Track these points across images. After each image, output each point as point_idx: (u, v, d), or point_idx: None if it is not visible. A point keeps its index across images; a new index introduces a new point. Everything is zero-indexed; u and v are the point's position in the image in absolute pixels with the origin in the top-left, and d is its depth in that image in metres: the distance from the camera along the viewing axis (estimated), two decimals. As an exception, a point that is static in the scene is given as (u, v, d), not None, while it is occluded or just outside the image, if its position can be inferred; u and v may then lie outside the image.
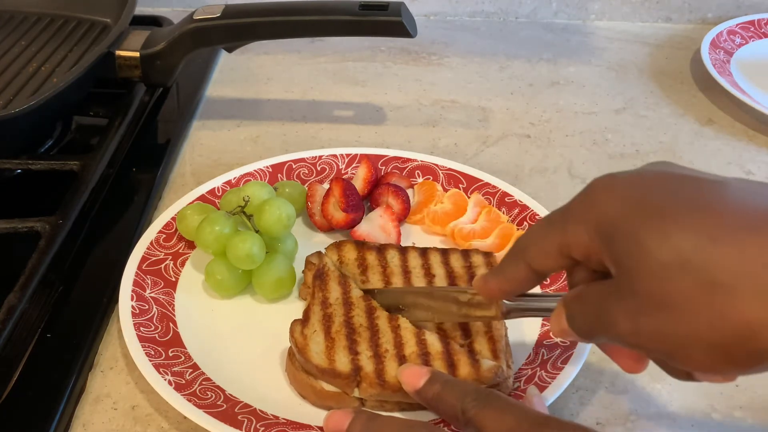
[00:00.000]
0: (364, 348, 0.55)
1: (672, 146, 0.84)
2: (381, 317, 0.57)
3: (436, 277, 0.61)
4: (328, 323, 0.57)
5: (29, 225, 0.64)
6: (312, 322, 0.57)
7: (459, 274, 0.61)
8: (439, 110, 0.90)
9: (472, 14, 1.10)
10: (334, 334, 0.56)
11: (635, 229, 0.38)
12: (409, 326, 0.56)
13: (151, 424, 0.55)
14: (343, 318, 0.57)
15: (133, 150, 0.80)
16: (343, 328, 0.56)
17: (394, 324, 0.56)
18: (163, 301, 0.62)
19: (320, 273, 0.61)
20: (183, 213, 0.66)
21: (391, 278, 0.61)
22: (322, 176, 0.74)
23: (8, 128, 0.72)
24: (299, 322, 0.57)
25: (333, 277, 0.61)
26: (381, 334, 0.56)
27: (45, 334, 0.59)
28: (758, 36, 1.02)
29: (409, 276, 0.61)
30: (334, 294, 0.59)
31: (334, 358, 0.54)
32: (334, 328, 0.56)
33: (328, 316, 0.57)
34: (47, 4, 0.96)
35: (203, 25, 0.79)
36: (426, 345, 0.55)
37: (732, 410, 0.56)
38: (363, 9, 0.76)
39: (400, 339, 0.55)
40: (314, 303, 0.58)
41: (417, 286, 0.60)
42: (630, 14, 1.09)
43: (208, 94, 0.92)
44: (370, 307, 0.58)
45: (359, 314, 0.57)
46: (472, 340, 0.56)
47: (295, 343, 0.55)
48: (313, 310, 0.58)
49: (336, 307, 0.58)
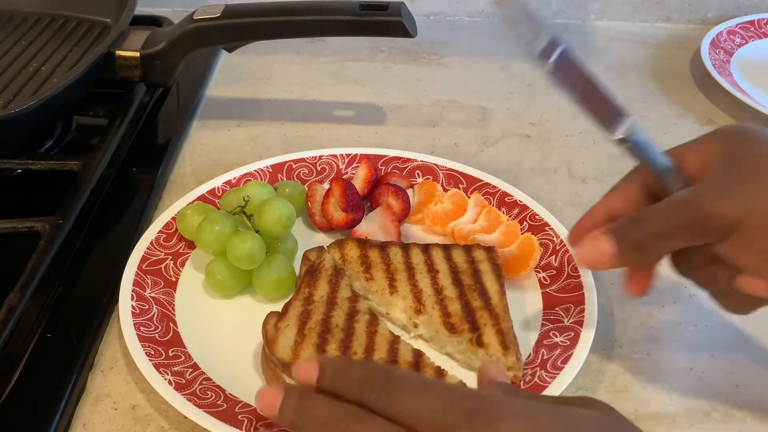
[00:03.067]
0: (332, 348, 0.55)
1: (672, 146, 0.84)
2: (360, 321, 0.57)
3: (440, 273, 0.61)
4: (304, 319, 0.57)
5: (29, 225, 0.64)
6: (289, 316, 0.57)
7: (462, 268, 0.61)
8: (439, 110, 0.90)
9: (472, 14, 1.10)
10: (307, 330, 0.56)
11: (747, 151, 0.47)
12: (386, 334, 0.56)
13: (151, 424, 0.55)
14: (321, 317, 0.57)
15: (133, 150, 0.80)
16: (318, 326, 0.56)
17: (371, 329, 0.56)
18: (163, 301, 0.62)
19: (312, 269, 0.61)
20: (183, 213, 0.66)
21: (395, 275, 0.61)
22: (322, 176, 0.74)
23: (8, 128, 0.72)
24: (275, 315, 0.57)
25: (325, 275, 0.61)
26: (355, 337, 0.56)
27: (45, 334, 0.59)
28: (758, 36, 1.02)
29: (413, 272, 0.61)
30: (321, 292, 0.59)
31: (299, 353, 0.54)
32: (309, 325, 0.56)
33: (307, 313, 0.57)
34: (47, 4, 0.96)
35: (203, 25, 0.79)
36: (396, 354, 0.54)
37: (732, 410, 0.56)
38: (363, 9, 0.76)
39: (373, 344, 0.55)
40: (297, 298, 0.59)
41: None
42: (630, 14, 1.09)
43: (208, 94, 0.92)
44: (354, 309, 0.58)
45: (339, 315, 0.57)
46: (480, 333, 0.56)
47: (264, 335, 0.55)
48: (294, 305, 0.58)
49: (318, 305, 0.58)
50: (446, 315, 0.58)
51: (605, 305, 0.63)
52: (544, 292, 0.63)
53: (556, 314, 0.60)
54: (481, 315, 0.57)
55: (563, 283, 0.62)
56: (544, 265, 0.64)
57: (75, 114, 0.86)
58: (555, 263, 0.64)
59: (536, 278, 0.64)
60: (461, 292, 0.59)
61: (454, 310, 0.58)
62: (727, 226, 0.45)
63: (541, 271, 0.64)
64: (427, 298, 0.59)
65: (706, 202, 0.46)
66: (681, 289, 0.65)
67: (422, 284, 0.60)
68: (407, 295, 0.59)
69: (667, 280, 0.66)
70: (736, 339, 0.61)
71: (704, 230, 0.46)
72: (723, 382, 0.58)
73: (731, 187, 0.45)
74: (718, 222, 0.45)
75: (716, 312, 0.64)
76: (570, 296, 0.61)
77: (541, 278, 0.64)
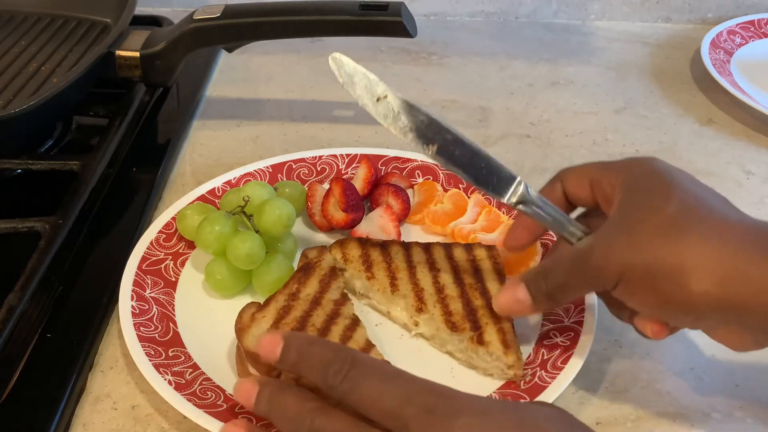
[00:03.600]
0: None
1: (672, 146, 0.84)
2: (339, 324, 0.57)
3: (441, 271, 0.61)
4: (283, 314, 0.57)
5: (29, 225, 0.64)
6: (269, 309, 0.57)
7: (464, 267, 0.61)
8: (439, 110, 0.90)
9: (472, 14, 1.10)
10: (282, 325, 0.56)
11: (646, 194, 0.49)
12: (361, 341, 0.56)
13: (151, 424, 0.55)
14: (300, 314, 0.57)
15: (133, 150, 0.80)
16: (295, 322, 0.56)
17: (347, 334, 0.56)
18: (163, 301, 0.62)
19: (307, 267, 0.61)
20: (183, 213, 0.66)
21: (397, 274, 0.61)
22: (322, 176, 0.74)
23: (8, 128, 0.72)
24: (255, 305, 0.57)
25: (318, 274, 0.61)
26: (328, 337, 0.56)
27: (45, 334, 0.59)
28: (758, 36, 1.02)
29: (414, 271, 0.61)
30: (308, 290, 0.59)
31: None
32: (285, 320, 0.56)
33: (287, 308, 0.57)
34: (47, 4, 0.96)
35: (203, 25, 0.79)
36: None
37: (732, 410, 0.56)
38: (363, 9, 0.76)
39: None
40: (282, 293, 0.59)
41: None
42: (630, 14, 1.09)
43: (208, 94, 0.92)
44: (336, 312, 0.58)
45: (319, 315, 0.57)
46: (481, 331, 0.56)
47: (238, 322, 0.56)
48: (277, 298, 0.58)
49: (302, 302, 0.58)
50: (447, 314, 0.58)
51: (605, 305, 0.63)
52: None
53: (556, 314, 0.60)
54: (483, 314, 0.57)
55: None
56: (544, 265, 0.64)
57: (75, 114, 0.86)
58: (555, 263, 0.64)
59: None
60: (462, 291, 0.59)
61: (455, 308, 0.58)
62: (614, 277, 0.48)
63: (541, 271, 0.64)
64: (429, 297, 0.59)
65: (595, 256, 0.48)
66: (681, 289, 0.65)
67: (423, 283, 0.60)
68: (408, 294, 0.60)
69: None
70: (736, 339, 0.61)
71: (598, 281, 0.49)
72: (723, 382, 0.58)
73: (615, 242, 0.48)
74: (606, 274, 0.48)
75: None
76: (570, 296, 0.61)
77: (541, 278, 0.64)
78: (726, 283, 0.44)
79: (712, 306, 0.45)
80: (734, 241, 0.46)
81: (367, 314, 0.62)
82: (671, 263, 0.46)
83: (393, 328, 0.61)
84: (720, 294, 0.45)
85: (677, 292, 0.45)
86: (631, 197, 0.49)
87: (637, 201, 0.49)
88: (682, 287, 0.45)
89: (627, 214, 0.49)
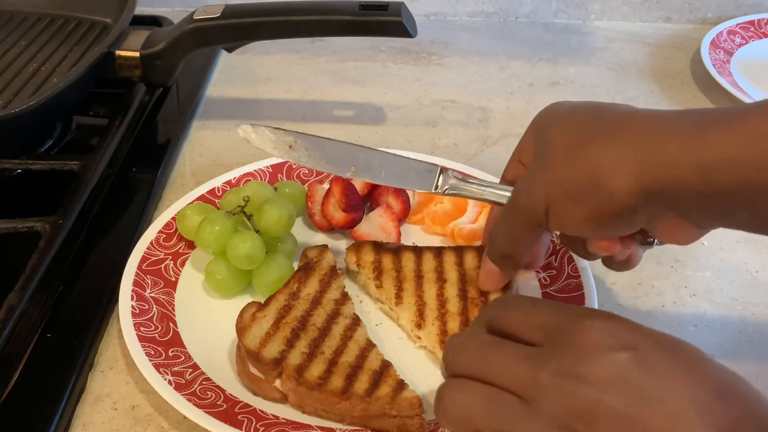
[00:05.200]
0: (302, 344, 0.55)
1: (672, 146, 0.84)
2: (340, 324, 0.57)
3: (447, 282, 0.61)
4: (283, 313, 0.57)
5: (29, 225, 0.64)
6: (269, 308, 0.57)
7: (471, 277, 0.61)
8: (439, 110, 0.90)
9: (472, 14, 1.10)
10: (282, 324, 0.56)
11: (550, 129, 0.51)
12: (362, 340, 0.56)
13: (151, 424, 0.55)
14: (301, 313, 0.57)
15: (133, 150, 0.80)
16: (295, 321, 0.56)
17: (347, 333, 0.56)
18: (163, 301, 0.62)
19: (307, 266, 0.61)
20: (183, 213, 0.66)
21: (403, 284, 0.61)
22: (322, 176, 0.74)
23: (8, 128, 0.72)
24: (256, 305, 0.58)
25: (318, 273, 0.61)
26: (329, 338, 0.56)
27: (45, 334, 0.59)
28: (758, 36, 1.02)
29: (421, 282, 0.61)
30: (309, 290, 0.59)
31: (266, 344, 0.54)
32: (286, 319, 0.57)
33: (288, 308, 0.58)
34: (47, 4, 0.96)
35: (203, 25, 0.79)
36: (363, 360, 0.54)
37: (732, 410, 0.56)
38: (363, 9, 0.76)
39: (344, 348, 0.55)
40: (283, 292, 0.59)
41: None
42: (630, 14, 1.09)
43: (208, 94, 0.92)
44: (336, 311, 0.58)
45: (320, 314, 0.57)
46: None
47: (238, 321, 0.56)
48: (278, 297, 0.58)
49: (302, 301, 0.58)
50: (443, 333, 0.57)
51: (605, 305, 0.63)
52: (545, 292, 0.62)
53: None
54: None
55: (563, 284, 0.62)
56: (545, 266, 0.64)
57: (75, 114, 0.86)
58: (555, 263, 0.64)
59: (536, 278, 0.64)
60: (464, 307, 0.59)
61: (452, 327, 0.58)
62: (542, 210, 0.49)
63: (541, 272, 0.64)
64: (429, 313, 0.59)
65: (520, 198, 0.50)
66: (681, 290, 0.65)
67: (427, 296, 0.60)
68: (411, 308, 0.59)
69: (667, 281, 0.67)
70: (736, 339, 0.61)
71: (530, 219, 0.50)
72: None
73: (533, 179, 0.50)
74: (534, 209, 0.49)
75: (716, 312, 0.64)
76: (570, 296, 0.61)
77: (541, 278, 0.64)
78: (642, 171, 0.44)
79: (638, 199, 0.45)
80: (638, 130, 0.46)
81: (368, 314, 0.62)
82: (585, 174, 0.46)
83: (393, 328, 0.61)
84: (640, 183, 0.44)
85: (601, 198, 0.46)
86: (539, 143, 0.51)
87: (543, 141, 0.50)
88: (604, 191, 0.45)
89: (538, 155, 0.51)
